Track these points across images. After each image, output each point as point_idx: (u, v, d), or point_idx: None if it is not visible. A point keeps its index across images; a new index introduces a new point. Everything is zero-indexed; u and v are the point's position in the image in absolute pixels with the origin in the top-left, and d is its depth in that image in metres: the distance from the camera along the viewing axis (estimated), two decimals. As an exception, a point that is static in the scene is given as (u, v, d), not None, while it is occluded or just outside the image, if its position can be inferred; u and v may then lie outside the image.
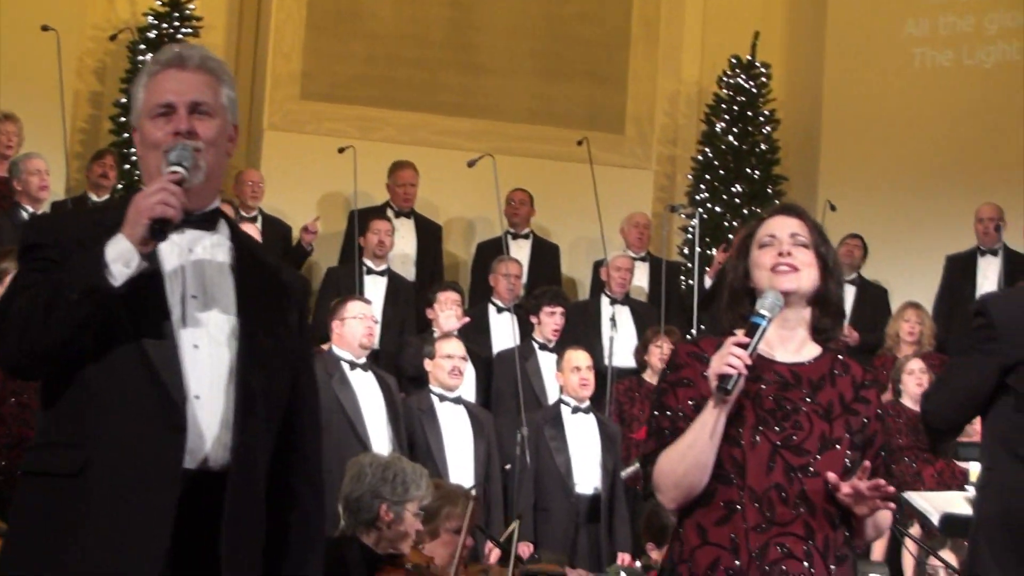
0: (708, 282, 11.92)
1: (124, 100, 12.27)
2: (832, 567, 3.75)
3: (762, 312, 3.77)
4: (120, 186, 11.76)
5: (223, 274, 3.59)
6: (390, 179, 12.56)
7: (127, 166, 11.98)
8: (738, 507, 3.74)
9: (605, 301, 11.76)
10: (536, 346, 10.60)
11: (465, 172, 11.54)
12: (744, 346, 3.71)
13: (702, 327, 11.70)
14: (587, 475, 9.33)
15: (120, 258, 3.34)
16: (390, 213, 12.37)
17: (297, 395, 3.70)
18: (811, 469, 3.75)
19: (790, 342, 3.88)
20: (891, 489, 3.70)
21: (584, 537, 9.18)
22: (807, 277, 3.87)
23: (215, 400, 3.48)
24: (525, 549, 8.77)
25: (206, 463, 3.45)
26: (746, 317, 3.85)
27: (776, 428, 3.78)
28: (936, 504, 5.79)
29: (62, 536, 3.37)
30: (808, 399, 3.83)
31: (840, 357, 3.97)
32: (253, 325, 3.56)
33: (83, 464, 3.38)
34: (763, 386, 3.80)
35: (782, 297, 3.82)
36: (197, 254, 3.58)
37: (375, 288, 11.21)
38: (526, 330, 11.05)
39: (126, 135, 12.16)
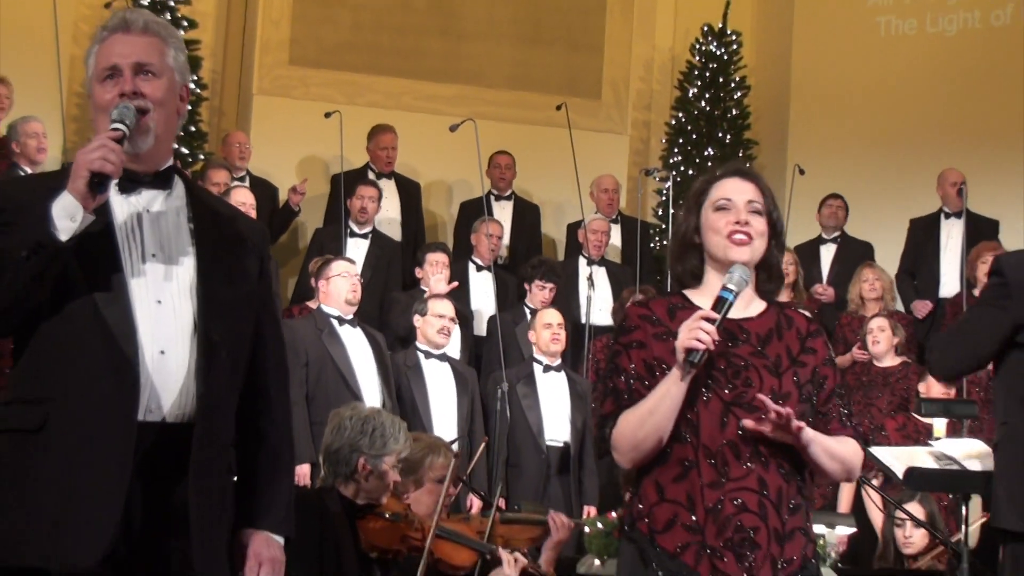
0: None
1: None
2: (786, 517, 3.76)
3: (730, 287, 3.76)
4: None
5: (180, 230, 3.58)
6: (371, 143, 12.50)
7: None
8: (693, 465, 3.74)
9: (582, 262, 11.72)
10: (527, 311, 10.57)
11: (447, 136, 11.40)
12: (712, 321, 3.70)
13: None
14: (557, 430, 9.31)
15: (64, 212, 3.31)
16: (372, 175, 12.32)
17: (260, 340, 3.69)
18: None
19: (739, 299, 3.83)
20: (786, 413, 3.66)
21: (555, 488, 9.17)
22: (759, 246, 3.88)
23: (180, 353, 3.46)
24: (500, 504, 8.74)
25: (171, 415, 3.44)
26: (694, 273, 3.90)
27: (727, 386, 3.78)
28: (900, 458, 5.77)
29: (26, 491, 3.36)
30: (757, 355, 3.83)
31: (785, 311, 3.97)
32: (212, 277, 3.54)
33: (43, 419, 3.37)
34: (712, 349, 3.75)
35: (748, 272, 3.83)
36: (153, 213, 3.56)
37: (357, 250, 11.14)
38: (509, 288, 11.17)
39: None
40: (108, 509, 3.33)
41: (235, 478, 3.66)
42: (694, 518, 3.72)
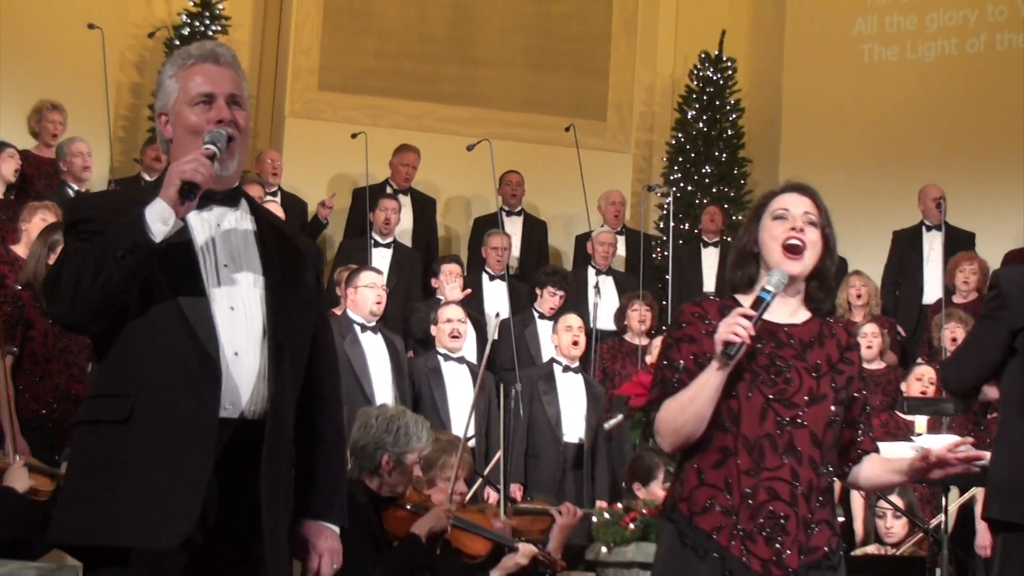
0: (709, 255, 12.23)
1: None
2: (815, 508, 3.79)
3: (768, 288, 3.80)
4: None
5: (248, 243, 3.63)
6: (395, 158, 12.56)
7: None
8: (732, 453, 3.78)
9: (591, 272, 11.79)
10: (536, 315, 10.66)
11: (464, 155, 11.63)
12: (750, 318, 3.74)
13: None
14: (573, 426, 9.37)
15: (158, 216, 3.37)
16: (390, 191, 12.38)
17: (316, 345, 3.73)
18: (799, 421, 3.79)
19: (786, 306, 3.89)
20: (982, 454, 3.87)
21: (570, 481, 9.22)
22: (811, 256, 3.90)
23: (252, 355, 3.51)
24: (516, 491, 8.85)
25: (245, 412, 3.49)
26: (751, 279, 3.93)
27: (769, 383, 3.81)
28: (885, 453, 5.80)
29: (112, 477, 3.39)
30: (799, 358, 3.86)
31: (828, 323, 3.99)
32: (278, 286, 3.60)
33: (129, 411, 3.41)
34: (759, 345, 3.81)
35: (787, 276, 3.85)
36: (224, 228, 3.62)
37: (381, 260, 11.23)
38: (521, 296, 11.21)
39: None
40: (190, 495, 3.38)
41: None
42: (730, 502, 3.75)
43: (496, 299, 11.10)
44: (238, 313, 3.53)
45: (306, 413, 3.68)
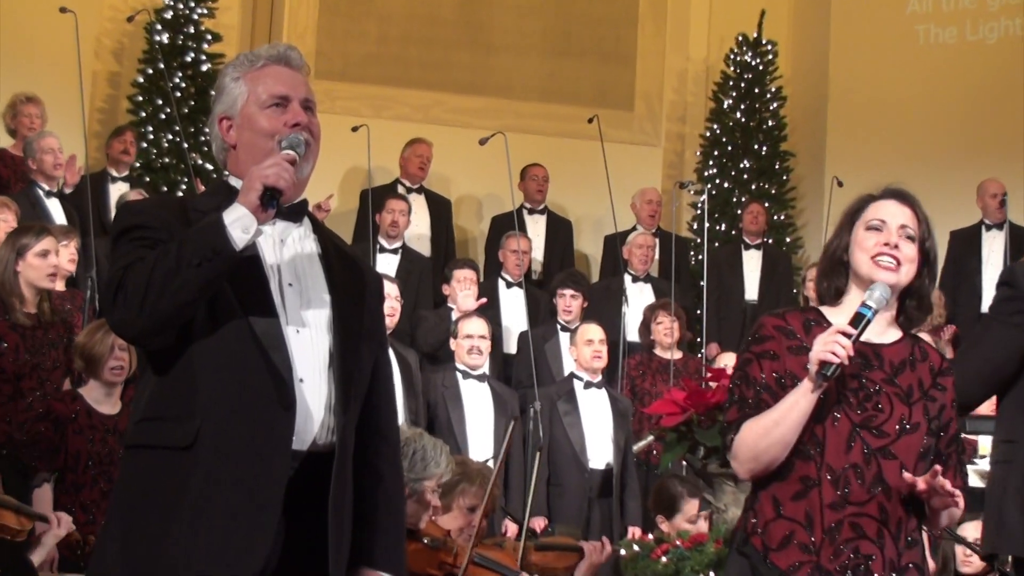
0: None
1: (141, 80, 12.26)
2: (903, 549, 3.76)
3: (870, 304, 3.76)
4: (137, 164, 11.72)
5: (313, 264, 3.66)
6: (406, 151, 12.49)
7: (144, 144, 11.95)
8: (815, 484, 3.74)
9: (628, 279, 11.61)
10: (558, 327, 10.55)
11: (477, 149, 11.31)
12: (848, 336, 3.69)
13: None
14: (600, 450, 9.26)
15: (239, 222, 3.39)
16: (401, 189, 12.31)
17: (376, 378, 3.75)
18: (890, 451, 3.75)
19: (877, 324, 3.83)
20: (956, 492, 3.67)
21: (597, 511, 9.12)
22: (906, 273, 3.85)
23: (319, 383, 3.54)
24: (539, 523, 8.75)
25: (313, 444, 3.51)
26: (838, 291, 3.90)
27: (857, 408, 3.78)
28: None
29: (171, 509, 3.40)
30: (889, 382, 3.83)
31: (921, 344, 3.94)
32: (345, 311, 3.63)
33: (195, 436, 3.41)
34: (847, 364, 3.75)
35: (889, 291, 3.81)
36: (288, 245, 3.64)
37: (387, 266, 11.11)
38: (541, 306, 11.09)
39: (144, 114, 12.19)
40: (260, 532, 3.40)
41: None
42: (812, 538, 3.72)
43: (514, 309, 11.02)
44: (303, 337, 3.54)
45: (364, 451, 3.69)
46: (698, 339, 11.98)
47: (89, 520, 6.76)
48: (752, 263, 12.66)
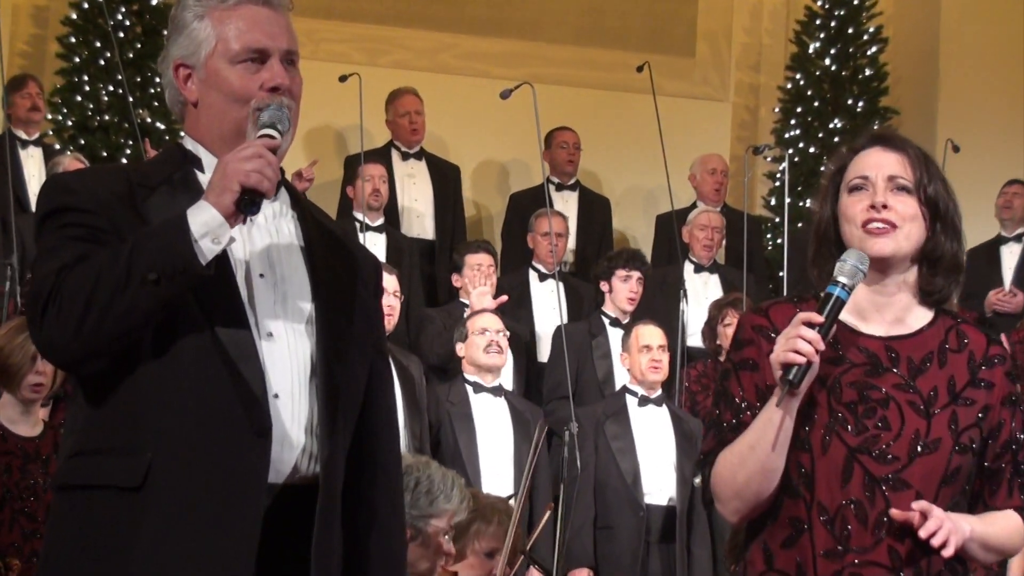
0: None
1: (74, 16, 12.18)
2: None
3: (839, 280, 3.54)
4: (69, 124, 11.67)
5: (291, 249, 3.62)
6: (389, 111, 12.27)
7: (78, 98, 11.88)
8: (805, 527, 3.61)
9: (688, 268, 11.43)
10: (606, 321, 10.25)
11: (497, 105, 11.07)
12: (817, 326, 3.47)
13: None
14: (659, 483, 9.16)
15: (209, 232, 3.30)
16: (396, 156, 12.13)
17: (372, 392, 3.70)
18: (901, 479, 3.58)
19: (887, 310, 3.68)
20: (937, 541, 3.52)
21: (656, 560, 9.07)
22: (907, 234, 3.64)
23: (298, 400, 3.50)
24: (581, 576, 8.51)
25: (292, 475, 3.47)
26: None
27: (854, 427, 3.59)
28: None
29: (117, 567, 3.34)
30: (903, 387, 3.62)
31: (960, 325, 3.71)
32: (331, 311, 3.58)
33: (145, 474, 3.35)
34: (842, 370, 3.60)
35: (866, 258, 3.59)
36: (259, 225, 3.56)
37: (373, 248, 10.85)
38: (585, 302, 10.97)
39: (78, 59, 12.13)
40: None
41: None
42: None
43: (548, 307, 10.75)
44: (279, 344, 3.49)
45: (355, 483, 3.62)
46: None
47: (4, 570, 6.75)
48: (844, 249, 12.49)
